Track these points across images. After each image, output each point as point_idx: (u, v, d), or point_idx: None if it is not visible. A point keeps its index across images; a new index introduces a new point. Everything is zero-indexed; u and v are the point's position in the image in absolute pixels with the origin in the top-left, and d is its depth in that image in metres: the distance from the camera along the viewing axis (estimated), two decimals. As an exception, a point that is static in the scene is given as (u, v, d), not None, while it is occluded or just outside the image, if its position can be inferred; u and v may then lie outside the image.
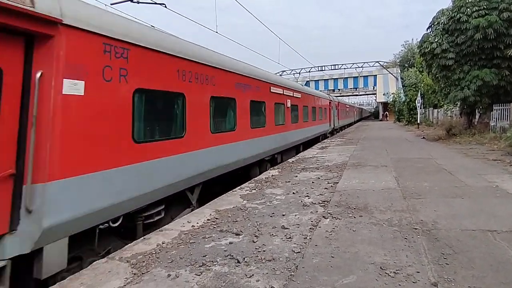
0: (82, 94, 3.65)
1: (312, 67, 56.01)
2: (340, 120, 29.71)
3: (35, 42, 3.35)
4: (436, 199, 5.50)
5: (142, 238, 4.22)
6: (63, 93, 3.43)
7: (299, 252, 3.54)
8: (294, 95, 13.21)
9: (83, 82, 3.67)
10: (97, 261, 3.52)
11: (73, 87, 3.52)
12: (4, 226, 3.15)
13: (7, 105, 3.17)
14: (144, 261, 3.45)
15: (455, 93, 15.99)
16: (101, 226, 4.05)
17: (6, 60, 3.14)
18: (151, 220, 4.93)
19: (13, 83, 3.21)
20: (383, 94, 49.86)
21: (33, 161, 3.23)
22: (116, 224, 4.28)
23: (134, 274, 3.18)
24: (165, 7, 8.44)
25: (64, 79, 3.43)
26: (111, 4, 8.29)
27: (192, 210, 5.79)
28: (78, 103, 3.62)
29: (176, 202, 5.66)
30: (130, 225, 4.70)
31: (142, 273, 3.19)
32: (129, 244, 4.02)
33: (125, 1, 8.39)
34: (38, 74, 3.27)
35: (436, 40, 16.10)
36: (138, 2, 8.28)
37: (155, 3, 8.35)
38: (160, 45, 5.01)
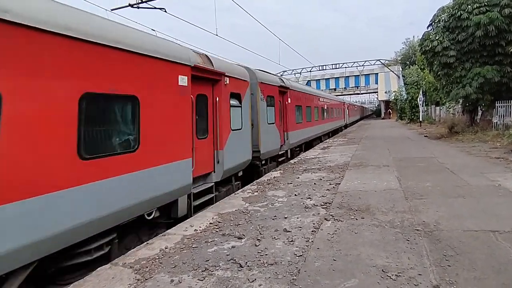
0: None
1: (313, 67, 55.92)
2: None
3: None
4: (438, 199, 5.50)
5: (145, 243, 4.26)
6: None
7: (301, 255, 3.56)
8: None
9: None
10: (100, 267, 3.55)
11: None
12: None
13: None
14: (147, 267, 3.48)
15: (457, 90, 15.93)
16: None
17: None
18: None
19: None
20: (385, 92, 49.73)
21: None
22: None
23: (138, 280, 3.21)
24: (165, 11, 8.49)
25: None
26: (112, 10, 8.35)
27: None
28: None
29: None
30: None
31: (146, 279, 3.22)
32: (132, 250, 4.05)
33: (125, 7, 8.45)
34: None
35: (437, 38, 16.04)
36: (138, 7, 8.33)
37: (155, 8, 8.40)
38: None
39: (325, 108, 21.15)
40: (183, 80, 5.50)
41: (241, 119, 7.86)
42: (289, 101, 12.09)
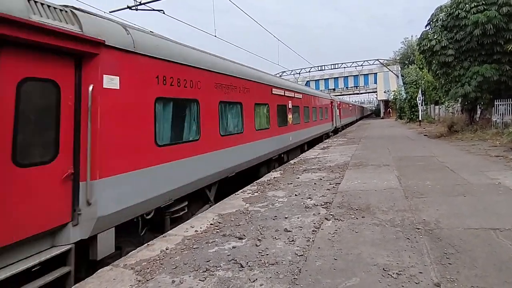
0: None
1: (312, 67, 56.01)
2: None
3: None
4: (438, 198, 5.50)
5: (146, 244, 4.26)
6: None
7: (302, 255, 3.56)
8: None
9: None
10: (101, 269, 3.55)
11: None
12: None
13: None
14: (148, 268, 3.48)
15: (455, 89, 15.96)
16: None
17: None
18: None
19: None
20: (384, 92, 49.78)
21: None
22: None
23: (139, 281, 3.21)
24: (164, 13, 8.51)
25: None
26: (110, 12, 8.36)
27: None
28: None
29: None
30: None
31: (147, 280, 3.22)
32: (133, 251, 4.05)
33: (124, 9, 8.46)
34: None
35: (435, 37, 16.08)
36: (136, 9, 8.35)
37: (153, 10, 8.42)
38: None
39: (278, 109, 11.24)
40: None
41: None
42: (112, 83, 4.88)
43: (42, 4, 3.55)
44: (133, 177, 4.44)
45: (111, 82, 4.17)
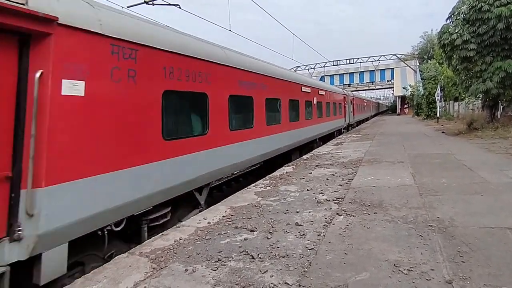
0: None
1: (326, 62, 55.25)
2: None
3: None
4: (454, 196, 5.40)
5: (161, 234, 4.39)
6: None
7: (312, 248, 3.60)
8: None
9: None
10: (118, 256, 3.70)
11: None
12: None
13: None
14: (162, 256, 3.60)
15: (476, 85, 15.42)
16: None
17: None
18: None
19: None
20: (403, 88, 48.42)
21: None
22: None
23: (154, 268, 3.34)
24: (179, 7, 8.59)
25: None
26: (128, 7, 8.52)
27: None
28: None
29: None
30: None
31: (161, 268, 3.33)
32: (148, 240, 4.19)
33: (141, 4, 8.61)
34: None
35: (456, 31, 15.53)
36: (153, 4, 8.47)
37: (169, 4, 8.52)
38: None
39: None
40: None
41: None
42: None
43: None
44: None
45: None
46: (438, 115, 27.93)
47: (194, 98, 5.80)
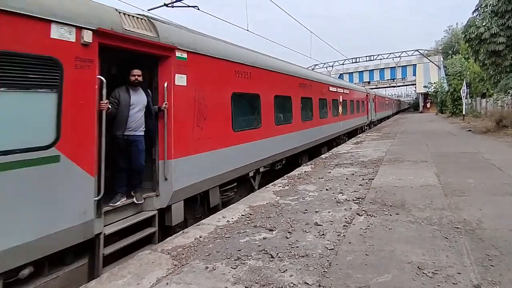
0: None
1: (345, 59, 54.21)
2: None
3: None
4: (482, 197, 5.17)
5: (181, 232, 4.49)
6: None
7: (332, 249, 3.56)
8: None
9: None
10: (141, 252, 3.82)
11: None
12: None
13: None
14: (183, 254, 3.68)
15: (506, 80, 14.64)
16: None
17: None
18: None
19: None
20: (424, 86, 46.70)
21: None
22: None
23: (175, 265, 3.41)
24: (198, 9, 8.72)
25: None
26: (148, 10, 8.74)
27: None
28: None
29: None
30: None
31: (182, 265, 3.41)
32: (170, 237, 4.30)
33: (161, 6, 8.80)
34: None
35: (483, 24, 14.79)
36: (172, 6, 8.64)
37: (189, 6, 8.66)
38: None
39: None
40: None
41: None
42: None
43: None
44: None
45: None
46: (464, 113, 26.76)
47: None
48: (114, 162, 4.40)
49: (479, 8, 15.89)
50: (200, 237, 4.19)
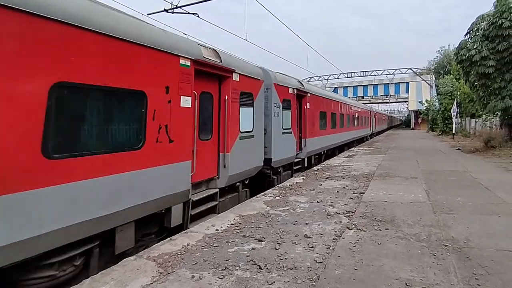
0: None
1: (340, 73, 55.07)
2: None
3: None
4: (469, 215, 5.22)
5: (169, 239, 4.40)
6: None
7: (321, 262, 3.53)
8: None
9: None
10: (126, 259, 3.72)
11: None
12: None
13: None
14: (169, 261, 3.60)
15: (495, 102, 15.06)
16: None
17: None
18: None
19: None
20: (419, 102, 47.56)
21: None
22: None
23: (160, 273, 3.33)
24: (198, 16, 8.79)
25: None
26: (148, 14, 8.77)
27: None
28: None
29: None
30: None
31: (168, 273, 3.33)
32: (156, 244, 4.21)
33: (161, 11, 8.84)
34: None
35: (475, 47, 15.27)
36: (172, 12, 8.69)
37: (188, 13, 8.72)
38: None
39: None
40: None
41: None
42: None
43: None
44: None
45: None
46: (454, 131, 27.29)
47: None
48: None
49: (471, 32, 16.42)
50: (188, 245, 4.11)
